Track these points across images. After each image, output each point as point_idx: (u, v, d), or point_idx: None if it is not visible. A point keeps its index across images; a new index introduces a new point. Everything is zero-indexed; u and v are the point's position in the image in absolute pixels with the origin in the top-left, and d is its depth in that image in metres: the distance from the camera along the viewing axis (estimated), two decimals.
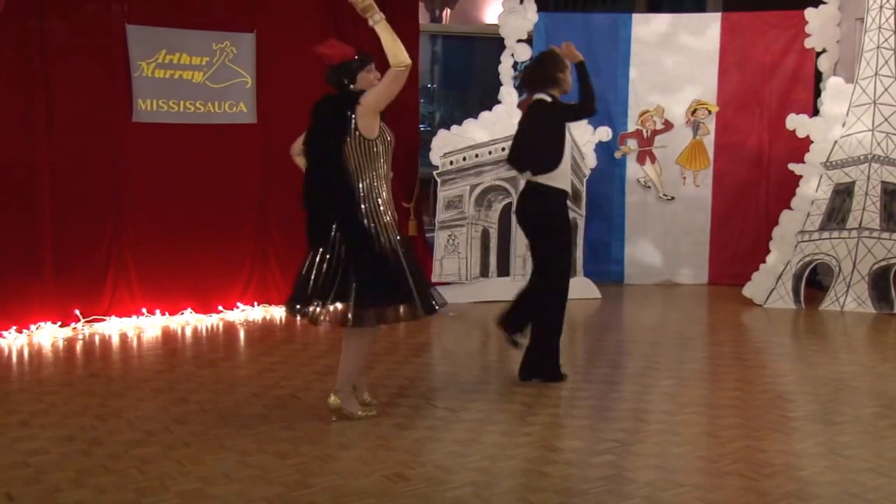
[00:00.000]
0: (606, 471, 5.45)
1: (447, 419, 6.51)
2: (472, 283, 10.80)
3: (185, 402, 6.84)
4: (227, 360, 8.33)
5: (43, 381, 7.50)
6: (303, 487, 5.16)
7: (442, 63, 15.38)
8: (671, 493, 5.12)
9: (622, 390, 7.27)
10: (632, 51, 11.86)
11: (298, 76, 10.19)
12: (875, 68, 10.33)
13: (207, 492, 5.10)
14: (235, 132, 9.94)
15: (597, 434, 6.19)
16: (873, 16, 10.36)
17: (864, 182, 10.27)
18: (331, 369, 7.75)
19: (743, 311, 10.46)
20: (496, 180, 10.81)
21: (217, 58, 9.77)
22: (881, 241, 10.14)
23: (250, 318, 9.97)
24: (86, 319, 9.29)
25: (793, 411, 6.75)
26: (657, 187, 11.95)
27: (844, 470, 5.47)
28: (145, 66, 9.43)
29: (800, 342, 9.35)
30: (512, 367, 7.68)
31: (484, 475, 5.37)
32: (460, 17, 15.47)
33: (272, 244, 10.30)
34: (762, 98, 11.79)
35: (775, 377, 7.95)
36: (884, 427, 6.32)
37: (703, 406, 6.83)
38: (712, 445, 5.98)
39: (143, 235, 9.58)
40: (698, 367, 8.05)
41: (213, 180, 9.87)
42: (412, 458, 5.66)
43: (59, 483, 5.23)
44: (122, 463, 5.54)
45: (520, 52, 11.60)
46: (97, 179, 9.33)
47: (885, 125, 10.25)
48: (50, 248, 9.08)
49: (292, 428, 6.19)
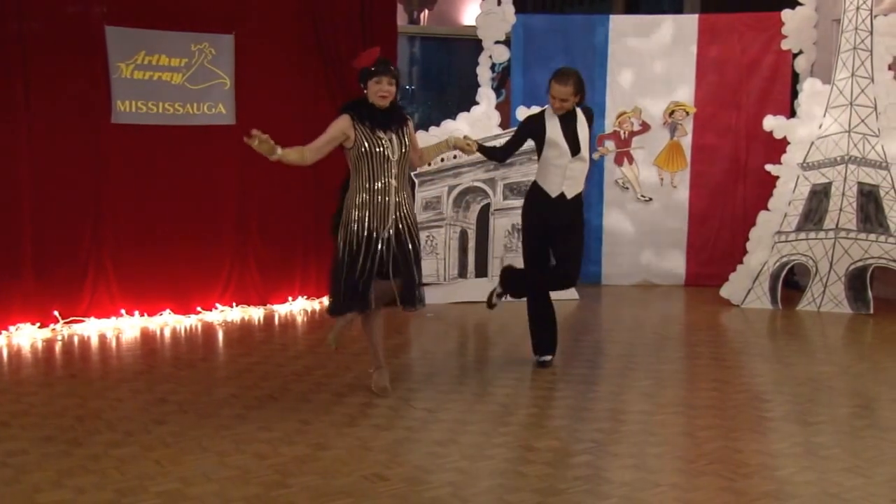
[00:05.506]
0: (584, 471, 5.47)
1: (425, 420, 6.53)
2: (449, 284, 10.80)
3: (164, 402, 6.84)
4: (206, 361, 8.32)
5: (22, 382, 7.48)
6: (281, 488, 5.17)
7: (420, 64, 15.37)
8: (648, 493, 5.14)
9: (600, 390, 7.30)
10: (609, 52, 11.88)
11: (277, 77, 10.23)
12: (851, 69, 10.38)
13: (186, 492, 5.11)
14: (214, 133, 9.92)
15: (574, 434, 6.21)
16: (850, 17, 10.41)
17: (840, 183, 10.33)
18: (309, 370, 7.78)
19: (720, 311, 10.50)
20: (474, 181, 10.82)
21: (196, 59, 9.76)
22: (858, 241, 10.20)
23: (229, 318, 9.97)
24: (65, 320, 9.27)
25: (770, 411, 6.79)
26: (635, 188, 11.98)
27: (821, 470, 5.50)
28: (124, 67, 9.41)
29: (777, 342, 9.38)
30: (489, 369, 7.70)
31: (462, 475, 5.39)
32: (438, 19, 15.50)
33: (251, 245, 10.31)
34: (739, 99, 11.83)
35: (752, 377, 7.99)
36: (860, 427, 6.37)
37: (680, 406, 6.87)
38: (690, 446, 6.01)
39: (123, 236, 9.56)
40: (676, 367, 8.09)
41: (192, 181, 9.85)
42: (391, 458, 5.67)
43: (38, 483, 5.23)
44: (101, 463, 5.54)
45: (497, 53, 11.62)
46: (76, 181, 9.29)
47: (861, 126, 10.31)
48: (29, 250, 9.05)
49: (271, 428, 6.20)
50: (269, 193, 10.20)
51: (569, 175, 7.59)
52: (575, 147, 7.55)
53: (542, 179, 7.70)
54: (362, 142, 6.60)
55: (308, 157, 6.63)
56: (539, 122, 7.65)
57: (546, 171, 7.65)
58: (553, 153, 7.57)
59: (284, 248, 10.50)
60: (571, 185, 7.63)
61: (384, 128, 6.69)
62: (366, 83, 6.71)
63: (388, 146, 6.66)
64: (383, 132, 6.67)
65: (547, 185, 7.64)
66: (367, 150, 6.61)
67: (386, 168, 6.67)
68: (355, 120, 6.64)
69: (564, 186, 7.59)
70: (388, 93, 6.67)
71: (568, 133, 7.55)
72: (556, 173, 7.59)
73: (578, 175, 7.68)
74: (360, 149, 6.61)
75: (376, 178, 6.66)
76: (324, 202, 10.11)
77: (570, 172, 7.58)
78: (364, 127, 6.63)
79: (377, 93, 6.65)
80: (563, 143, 7.53)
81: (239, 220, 10.21)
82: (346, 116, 6.67)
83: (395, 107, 6.84)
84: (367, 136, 6.62)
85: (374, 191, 6.66)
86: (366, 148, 6.61)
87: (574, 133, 7.56)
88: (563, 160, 7.54)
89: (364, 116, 6.66)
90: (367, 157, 6.62)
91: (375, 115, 6.68)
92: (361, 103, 6.75)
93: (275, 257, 10.45)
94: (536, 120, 7.71)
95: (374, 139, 6.63)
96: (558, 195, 7.61)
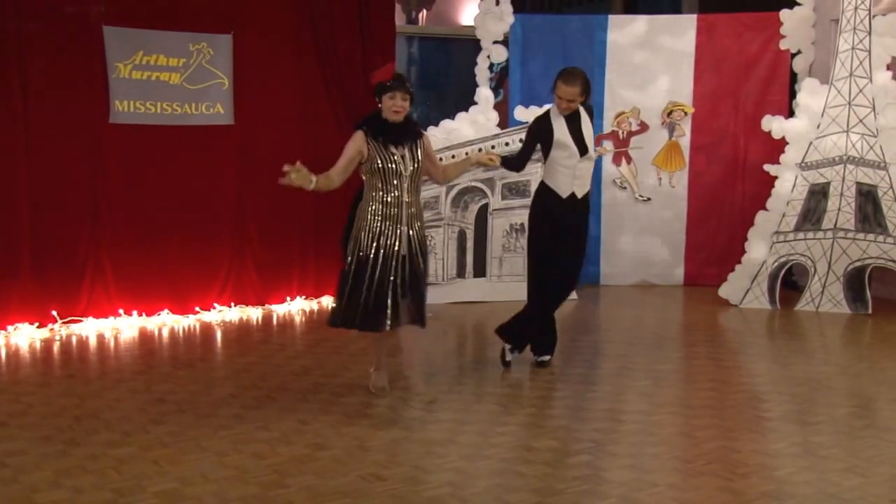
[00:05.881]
0: (582, 471, 5.47)
1: (424, 419, 6.53)
2: (448, 284, 10.80)
3: (162, 402, 6.84)
4: (204, 361, 8.32)
5: (20, 382, 7.48)
6: (279, 487, 5.17)
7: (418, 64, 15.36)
8: (646, 493, 5.15)
9: (598, 390, 7.30)
10: (608, 52, 11.88)
11: (276, 78, 10.22)
12: (850, 69, 10.38)
13: (184, 492, 5.11)
14: (213, 133, 9.92)
15: (573, 434, 6.22)
16: (848, 17, 10.41)
17: (839, 183, 10.33)
18: (307, 370, 7.78)
19: (718, 311, 10.50)
20: (473, 181, 10.81)
21: (194, 59, 9.75)
22: (856, 241, 10.20)
23: (227, 318, 9.96)
24: (63, 320, 9.26)
25: (768, 411, 6.79)
26: (633, 188, 11.98)
27: (820, 470, 5.51)
28: (122, 67, 9.40)
29: (775, 342, 9.39)
30: (487, 368, 7.71)
31: (460, 475, 5.39)
32: (436, 19, 15.50)
33: (249, 245, 10.30)
34: (738, 99, 11.83)
35: (751, 377, 8.00)
36: (859, 427, 6.37)
37: (678, 406, 6.87)
38: (688, 446, 6.01)
39: (120, 236, 9.55)
40: (674, 367, 8.09)
41: (190, 182, 9.85)
42: (389, 458, 5.67)
43: (36, 483, 5.23)
44: (99, 463, 5.54)
45: (496, 53, 11.62)
46: (74, 181, 9.29)
47: (859, 126, 10.31)
48: (27, 249, 9.05)
49: (269, 428, 6.20)
50: (267, 193, 10.18)
51: (578, 175, 7.61)
52: (583, 147, 7.58)
53: (550, 180, 7.68)
54: (375, 157, 6.65)
55: (335, 180, 6.67)
56: (546, 124, 7.66)
57: (555, 171, 7.65)
58: (562, 154, 7.58)
59: (283, 248, 10.49)
60: (581, 185, 7.66)
61: (397, 143, 6.72)
62: (380, 98, 6.74)
63: (400, 161, 6.69)
64: (395, 148, 6.70)
65: (557, 185, 7.64)
66: (379, 165, 6.65)
67: (398, 183, 6.70)
68: (368, 136, 6.69)
69: (575, 186, 7.62)
70: (401, 108, 6.70)
71: (575, 133, 7.58)
72: (565, 174, 7.60)
73: (587, 174, 7.72)
74: (374, 164, 6.66)
75: (388, 193, 6.69)
76: (322, 203, 10.15)
77: (579, 172, 7.61)
78: (377, 142, 6.67)
79: (391, 108, 6.69)
80: (572, 143, 7.55)
81: (237, 221, 10.21)
82: (359, 133, 6.71)
83: (409, 122, 6.87)
84: (380, 152, 6.66)
85: (387, 204, 6.69)
86: (378, 163, 6.65)
87: (580, 132, 7.60)
88: (573, 160, 7.56)
89: (377, 132, 6.70)
90: (380, 172, 6.66)
91: (388, 130, 6.72)
92: (375, 118, 6.79)
93: (273, 257, 10.44)
94: (543, 121, 7.71)
95: (387, 154, 6.67)
96: (569, 195, 7.63)
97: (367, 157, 6.66)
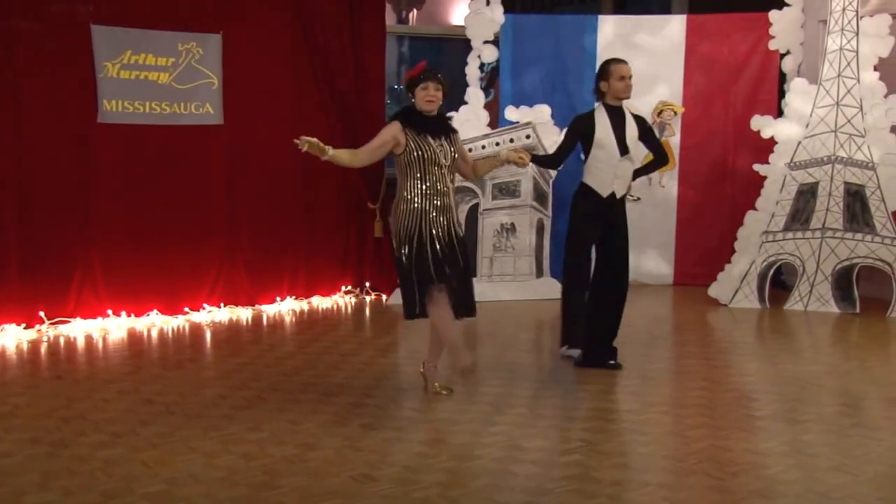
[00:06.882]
0: (573, 470, 5.47)
1: (414, 419, 6.53)
2: None
3: (151, 403, 6.81)
4: (194, 362, 8.30)
5: (7, 384, 7.45)
6: (270, 489, 5.15)
7: (409, 64, 15.33)
8: (637, 493, 5.14)
9: (588, 390, 7.29)
10: (598, 52, 11.87)
11: (265, 77, 10.21)
12: (838, 70, 10.41)
13: (174, 494, 5.09)
14: (202, 133, 9.90)
15: (563, 433, 6.21)
16: (836, 18, 10.44)
17: (827, 183, 10.35)
18: (297, 370, 7.76)
19: (708, 310, 10.52)
20: (463, 181, 10.80)
21: (183, 59, 9.73)
22: (844, 241, 10.22)
23: (216, 319, 9.94)
24: (51, 321, 9.23)
25: (758, 410, 6.79)
26: None
27: (809, 468, 5.51)
28: (110, 66, 9.38)
29: (764, 342, 9.41)
30: (477, 368, 7.70)
31: (451, 475, 5.38)
32: (427, 19, 15.46)
33: (239, 245, 10.29)
34: (727, 99, 11.86)
35: (740, 376, 8.00)
36: (847, 426, 6.37)
37: (668, 405, 6.88)
38: (678, 444, 6.01)
39: (109, 236, 9.53)
40: (664, 366, 8.09)
41: (180, 181, 9.84)
42: (379, 458, 5.66)
43: (24, 486, 5.20)
44: (87, 465, 5.51)
45: (486, 53, 11.61)
46: (63, 180, 9.26)
47: (847, 126, 10.34)
48: (15, 250, 9.02)
49: (259, 429, 6.18)
50: (257, 193, 10.18)
51: (619, 174, 7.69)
52: (623, 147, 7.65)
53: (591, 180, 7.75)
54: (414, 147, 6.63)
55: (362, 158, 6.72)
56: (589, 123, 7.73)
57: (595, 171, 7.72)
58: (601, 153, 7.66)
59: (272, 248, 10.47)
60: (621, 185, 7.74)
61: (434, 134, 6.72)
62: (413, 91, 6.75)
63: (439, 151, 6.68)
64: (433, 138, 6.70)
65: (597, 185, 7.72)
66: (419, 155, 6.63)
67: (437, 173, 6.68)
68: (406, 126, 6.68)
69: (615, 186, 7.70)
70: (434, 97, 6.70)
71: (618, 132, 7.66)
72: (606, 172, 7.68)
73: (627, 174, 7.80)
74: (412, 154, 6.64)
75: (427, 182, 6.67)
76: (312, 202, 10.14)
77: (619, 171, 7.69)
78: (415, 133, 6.66)
79: (424, 98, 6.70)
80: (613, 142, 7.63)
81: (227, 221, 10.19)
82: (395, 123, 6.71)
83: (443, 117, 6.90)
84: (418, 142, 6.64)
85: (426, 195, 6.68)
86: (418, 153, 6.63)
87: (623, 132, 7.68)
88: (613, 160, 7.65)
89: (414, 123, 6.70)
90: (419, 161, 6.64)
91: (425, 121, 6.72)
92: (409, 111, 6.78)
93: (263, 257, 10.43)
94: (586, 120, 7.78)
95: (426, 145, 6.66)
96: (609, 195, 7.69)
97: (404, 148, 6.64)
